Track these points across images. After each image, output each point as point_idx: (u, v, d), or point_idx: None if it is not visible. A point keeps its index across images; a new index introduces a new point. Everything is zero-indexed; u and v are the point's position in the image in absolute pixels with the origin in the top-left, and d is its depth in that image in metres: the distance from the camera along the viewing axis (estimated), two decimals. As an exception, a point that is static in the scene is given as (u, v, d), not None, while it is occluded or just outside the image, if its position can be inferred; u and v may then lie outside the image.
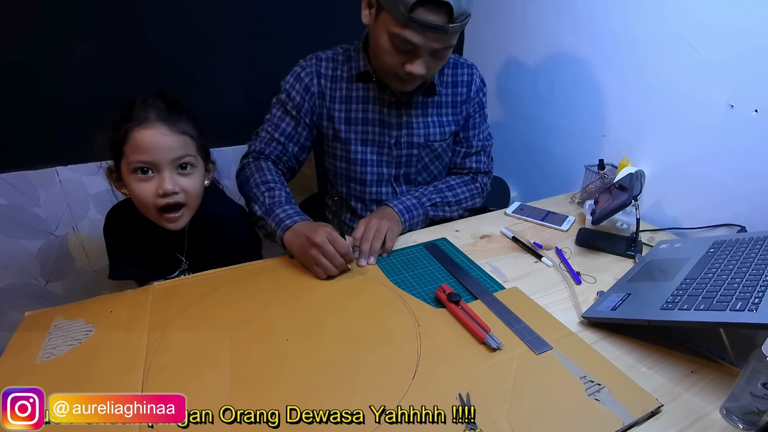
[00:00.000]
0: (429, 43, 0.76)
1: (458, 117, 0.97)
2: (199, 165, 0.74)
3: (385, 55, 0.80)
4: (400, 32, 0.75)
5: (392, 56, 0.79)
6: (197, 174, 0.74)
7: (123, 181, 0.71)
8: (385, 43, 0.78)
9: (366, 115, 0.92)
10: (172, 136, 0.69)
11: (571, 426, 0.49)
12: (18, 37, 1.06)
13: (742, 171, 0.86)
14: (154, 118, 0.68)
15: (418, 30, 0.74)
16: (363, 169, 0.96)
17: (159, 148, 0.68)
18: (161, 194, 0.69)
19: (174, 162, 0.70)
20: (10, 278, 1.27)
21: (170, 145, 0.69)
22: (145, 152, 0.67)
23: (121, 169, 0.70)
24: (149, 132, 0.67)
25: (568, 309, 0.70)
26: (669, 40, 0.94)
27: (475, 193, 1.01)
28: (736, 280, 0.59)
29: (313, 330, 0.63)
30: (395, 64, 0.80)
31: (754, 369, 0.47)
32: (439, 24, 0.73)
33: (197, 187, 0.74)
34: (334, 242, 0.73)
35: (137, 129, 0.67)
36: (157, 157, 0.68)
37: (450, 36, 0.76)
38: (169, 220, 0.73)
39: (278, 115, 0.92)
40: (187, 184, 0.72)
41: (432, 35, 0.75)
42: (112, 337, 0.62)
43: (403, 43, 0.76)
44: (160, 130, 0.68)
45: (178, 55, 1.21)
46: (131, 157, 0.68)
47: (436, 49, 0.78)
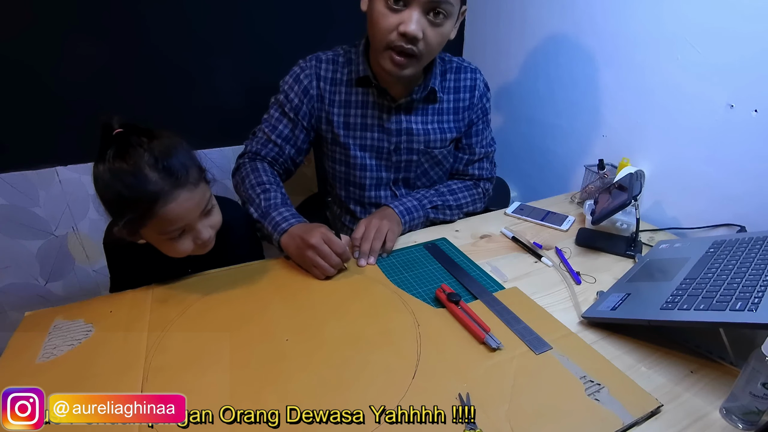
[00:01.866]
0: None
1: (460, 123, 0.96)
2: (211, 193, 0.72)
3: (380, 19, 0.76)
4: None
5: (386, 18, 0.75)
6: (215, 204, 0.72)
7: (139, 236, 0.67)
8: (378, 5, 0.76)
9: (365, 121, 0.91)
10: (194, 194, 0.65)
11: (571, 426, 0.49)
12: (18, 37, 1.06)
13: (742, 171, 0.86)
14: (170, 188, 0.61)
15: None
16: (362, 173, 0.95)
17: (189, 214, 0.65)
18: (199, 244, 0.68)
19: (202, 213, 0.67)
20: (10, 278, 1.27)
21: (196, 203, 0.65)
22: (176, 222, 0.64)
23: (142, 232, 0.66)
24: (174, 205, 0.62)
25: (568, 309, 0.70)
26: (669, 40, 0.94)
27: (477, 198, 1.01)
28: (736, 280, 0.59)
29: (313, 330, 0.63)
30: (389, 26, 0.76)
31: (753, 369, 0.47)
32: None
33: (220, 215, 0.72)
34: (329, 242, 0.73)
35: (160, 206, 0.61)
36: (189, 220, 0.65)
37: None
38: (203, 252, 0.71)
39: (276, 117, 0.91)
40: (216, 221, 0.71)
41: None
42: (112, 337, 0.62)
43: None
44: (183, 197, 0.63)
45: (178, 55, 1.21)
46: (162, 229, 0.64)
47: (431, 6, 0.74)
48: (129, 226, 0.63)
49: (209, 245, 0.71)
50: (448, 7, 0.76)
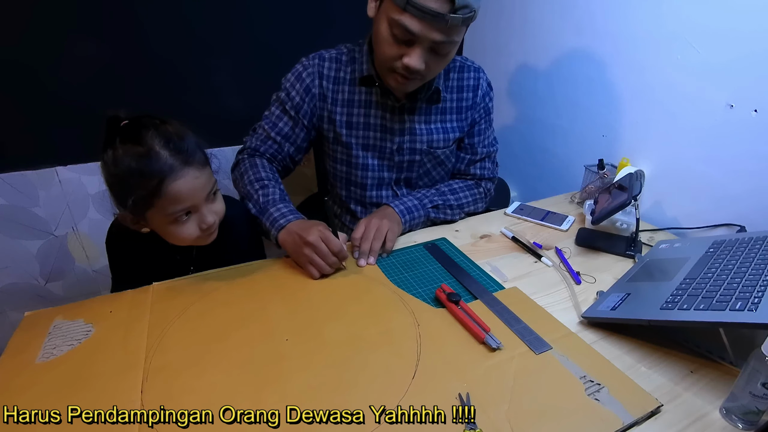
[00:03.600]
0: (427, 33, 0.72)
1: (463, 123, 0.96)
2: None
3: (384, 45, 0.77)
4: (399, 18, 0.72)
5: (390, 47, 0.77)
6: (219, 192, 0.73)
7: (144, 222, 0.68)
8: (384, 31, 0.76)
9: (368, 120, 0.91)
10: (201, 174, 0.67)
11: (571, 426, 0.49)
12: (18, 37, 1.06)
13: (741, 171, 0.86)
14: (180, 165, 0.64)
15: (416, 16, 0.71)
16: (364, 173, 0.95)
17: (196, 193, 0.66)
18: (204, 229, 0.69)
19: (208, 195, 0.69)
20: (10, 278, 1.27)
21: (203, 183, 0.67)
22: (184, 201, 0.65)
23: (148, 216, 0.67)
24: (182, 182, 0.64)
25: (568, 309, 0.70)
26: (669, 40, 0.94)
27: (478, 197, 1.00)
28: (736, 279, 0.59)
29: (313, 330, 0.63)
30: (393, 56, 0.77)
31: (753, 369, 0.47)
32: (438, 11, 0.70)
33: (224, 204, 0.73)
34: (327, 241, 0.73)
35: (169, 182, 0.63)
36: (196, 201, 0.67)
37: (450, 29, 0.73)
38: (206, 242, 0.72)
39: (276, 114, 0.91)
40: (219, 207, 0.72)
41: (430, 23, 0.71)
42: (112, 337, 0.62)
43: (401, 31, 0.73)
44: (192, 175, 0.65)
45: (178, 55, 1.21)
46: (169, 209, 0.65)
47: (436, 43, 0.74)
48: (136, 208, 0.64)
49: (213, 232, 0.72)
50: (453, 44, 0.78)
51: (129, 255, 0.79)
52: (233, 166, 0.93)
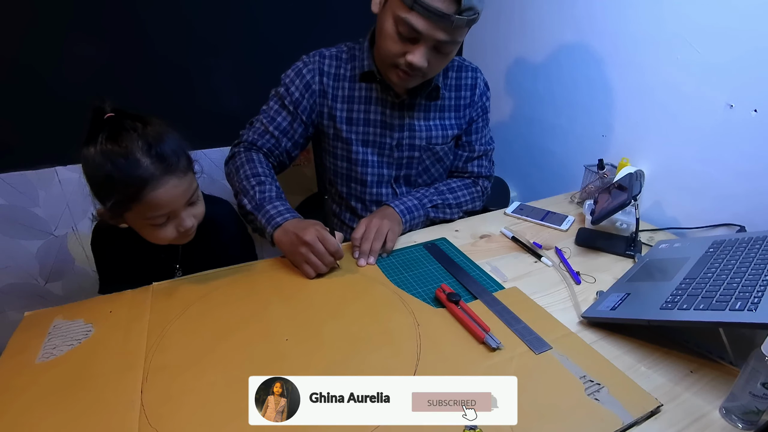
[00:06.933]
0: (432, 32, 0.74)
1: (461, 121, 0.97)
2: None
3: (388, 41, 0.78)
4: (405, 16, 0.73)
5: (395, 43, 0.77)
6: (200, 194, 0.73)
7: (122, 219, 0.67)
8: (389, 28, 0.77)
9: (368, 116, 0.91)
10: (181, 183, 0.65)
11: (571, 426, 0.49)
12: (18, 37, 1.05)
13: (741, 171, 0.86)
14: (160, 173, 0.62)
15: (422, 15, 0.72)
16: (364, 169, 0.95)
17: (175, 201, 0.65)
18: (182, 232, 0.69)
19: (187, 201, 0.68)
20: (10, 278, 1.27)
21: (183, 191, 0.66)
22: (162, 208, 0.65)
23: (126, 216, 0.66)
24: (162, 191, 0.63)
25: (568, 309, 0.70)
26: (669, 40, 0.94)
27: (476, 196, 1.01)
28: (736, 279, 0.59)
29: (313, 330, 0.63)
30: (397, 52, 0.78)
31: (753, 369, 0.47)
32: (444, 12, 0.71)
33: (204, 206, 0.73)
34: (323, 240, 0.73)
35: (149, 191, 0.62)
36: (174, 207, 0.66)
37: (455, 29, 0.74)
38: (183, 242, 0.72)
39: (275, 108, 0.91)
40: (199, 210, 0.71)
41: (436, 23, 0.73)
42: (112, 337, 0.62)
43: (407, 29, 0.74)
44: (171, 184, 0.64)
45: (178, 55, 1.21)
46: (148, 214, 0.64)
47: (439, 42, 0.75)
48: (114, 209, 0.63)
49: (191, 234, 0.72)
50: (456, 44, 0.79)
51: (114, 255, 0.78)
52: (228, 159, 0.92)
